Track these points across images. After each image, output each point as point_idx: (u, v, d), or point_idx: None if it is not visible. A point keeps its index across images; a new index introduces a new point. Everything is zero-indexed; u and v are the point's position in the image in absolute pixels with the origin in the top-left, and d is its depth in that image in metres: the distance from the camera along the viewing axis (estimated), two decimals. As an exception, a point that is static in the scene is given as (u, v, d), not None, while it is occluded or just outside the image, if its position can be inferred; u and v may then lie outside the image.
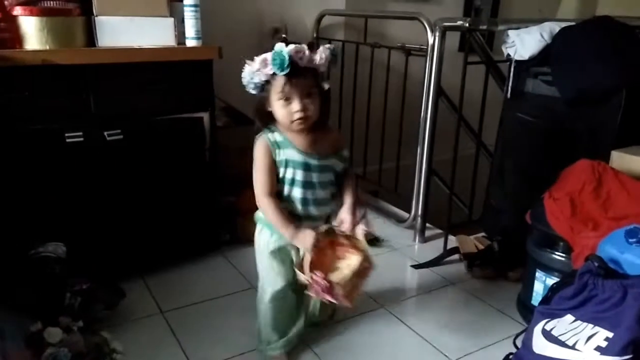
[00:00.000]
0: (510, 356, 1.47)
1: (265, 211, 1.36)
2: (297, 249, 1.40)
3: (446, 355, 1.61)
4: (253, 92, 1.32)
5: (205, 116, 1.97)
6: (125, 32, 1.78)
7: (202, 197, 2.05)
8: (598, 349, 1.13)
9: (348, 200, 1.41)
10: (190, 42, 1.89)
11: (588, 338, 1.16)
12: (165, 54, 1.84)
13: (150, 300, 1.85)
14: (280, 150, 1.34)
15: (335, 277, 1.30)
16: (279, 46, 1.22)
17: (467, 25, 2.10)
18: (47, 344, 1.34)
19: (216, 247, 2.19)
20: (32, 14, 1.62)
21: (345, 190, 1.43)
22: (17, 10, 1.62)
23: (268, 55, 1.24)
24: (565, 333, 1.20)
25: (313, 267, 1.27)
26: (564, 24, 1.95)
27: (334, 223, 1.39)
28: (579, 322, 1.20)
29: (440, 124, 2.28)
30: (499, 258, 2.07)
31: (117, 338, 1.49)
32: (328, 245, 1.34)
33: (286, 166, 1.34)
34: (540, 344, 1.25)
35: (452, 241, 2.29)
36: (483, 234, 2.30)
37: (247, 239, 2.26)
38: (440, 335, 1.70)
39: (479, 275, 2.07)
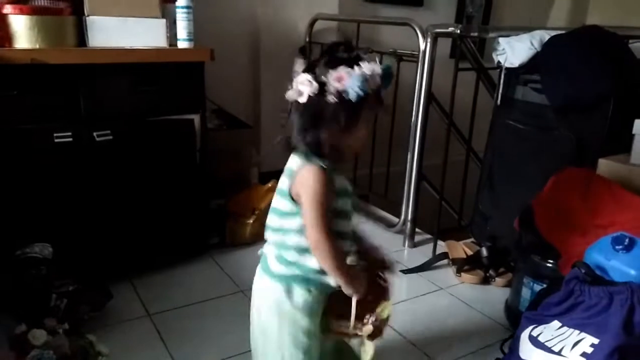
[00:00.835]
0: (498, 362, 1.48)
1: (327, 253, 1.07)
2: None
3: (434, 361, 1.61)
4: (359, 95, 1.02)
5: (196, 118, 1.97)
6: (116, 33, 1.77)
7: (192, 200, 2.04)
8: (584, 355, 1.14)
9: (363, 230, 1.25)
10: (182, 44, 1.89)
11: (574, 344, 1.17)
12: (156, 55, 1.83)
13: (137, 303, 1.83)
14: (334, 177, 1.10)
15: (382, 313, 1.15)
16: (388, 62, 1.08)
17: (458, 31, 2.11)
18: (32, 346, 1.33)
19: (205, 250, 2.18)
20: (22, 12, 1.61)
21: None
22: (7, 9, 1.60)
23: (378, 67, 1.04)
24: (552, 339, 1.21)
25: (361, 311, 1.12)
26: (553, 32, 1.97)
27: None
28: (565, 328, 1.21)
29: (430, 130, 2.29)
30: (488, 264, 2.08)
31: (103, 341, 1.47)
32: None
33: (340, 196, 1.11)
34: (527, 350, 1.25)
35: (441, 246, 2.29)
36: (472, 239, 2.31)
37: (236, 242, 2.27)
38: (428, 340, 1.70)
39: (467, 280, 2.08)
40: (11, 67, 1.57)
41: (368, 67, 1.03)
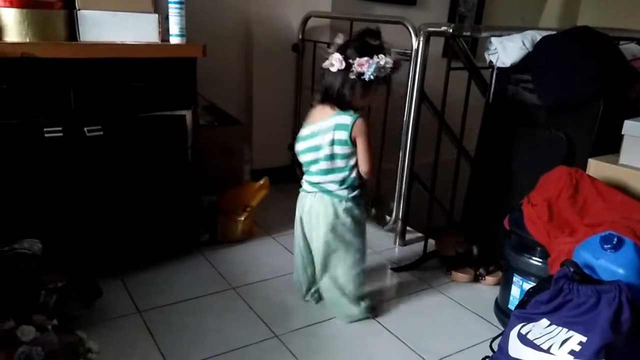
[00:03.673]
0: (487, 359, 1.49)
1: (373, 169, 1.69)
2: None
3: (423, 358, 1.62)
4: (370, 78, 1.54)
5: (188, 114, 1.96)
6: (108, 27, 1.76)
7: (183, 196, 2.03)
8: (572, 353, 1.15)
9: None
10: (174, 40, 1.88)
11: (562, 342, 1.18)
12: (148, 50, 1.82)
13: (127, 300, 1.82)
14: None
15: None
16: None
17: (451, 31, 2.11)
18: (20, 343, 1.32)
19: (195, 247, 2.17)
20: (12, 5, 1.59)
21: None
22: (-3, 2, 1.59)
23: (390, 61, 1.55)
24: (541, 337, 1.22)
25: None
26: (545, 33, 1.98)
27: None
28: (553, 326, 1.22)
29: (422, 129, 2.29)
30: (478, 262, 2.10)
31: (92, 337, 1.46)
32: None
33: None
34: (515, 348, 1.26)
35: (432, 245, 2.30)
36: (462, 238, 2.32)
37: (227, 239, 2.27)
38: (418, 338, 1.71)
39: (457, 278, 2.09)
40: (0, 60, 1.55)
41: (383, 60, 1.53)
